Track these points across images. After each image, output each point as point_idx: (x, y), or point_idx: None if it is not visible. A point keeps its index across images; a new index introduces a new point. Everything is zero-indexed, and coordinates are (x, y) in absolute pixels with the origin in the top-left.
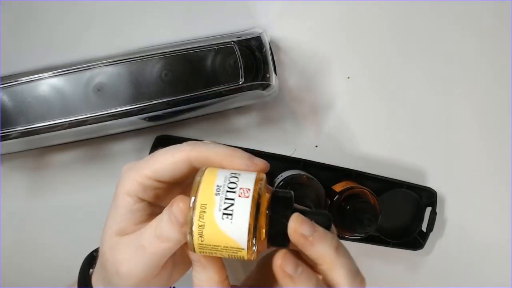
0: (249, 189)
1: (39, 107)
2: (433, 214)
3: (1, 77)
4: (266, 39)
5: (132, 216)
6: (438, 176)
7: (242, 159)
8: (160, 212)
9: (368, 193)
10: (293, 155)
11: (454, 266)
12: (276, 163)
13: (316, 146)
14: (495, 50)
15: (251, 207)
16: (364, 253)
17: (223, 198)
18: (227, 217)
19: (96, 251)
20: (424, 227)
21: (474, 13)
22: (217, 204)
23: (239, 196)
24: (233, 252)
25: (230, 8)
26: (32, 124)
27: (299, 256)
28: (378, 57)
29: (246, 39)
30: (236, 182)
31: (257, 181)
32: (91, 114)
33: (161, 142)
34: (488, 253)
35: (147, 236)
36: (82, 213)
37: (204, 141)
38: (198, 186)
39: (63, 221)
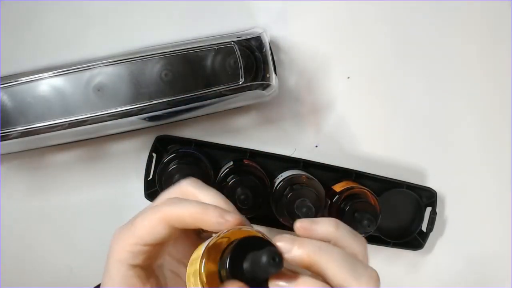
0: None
1: (39, 107)
2: (433, 214)
3: (1, 77)
4: (266, 39)
5: (126, 283)
6: (438, 176)
7: (213, 217)
8: (153, 274)
9: (368, 193)
10: (293, 155)
11: (454, 266)
12: (276, 163)
13: (316, 146)
14: (495, 50)
15: None
16: None
17: None
18: None
19: None
20: (424, 227)
21: (474, 13)
22: None
23: None
24: None
25: (230, 8)
26: (32, 124)
27: None
28: (378, 57)
29: (246, 39)
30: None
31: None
32: (91, 114)
33: (161, 142)
34: (488, 253)
35: None
36: (82, 213)
37: (177, 198)
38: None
39: (63, 221)
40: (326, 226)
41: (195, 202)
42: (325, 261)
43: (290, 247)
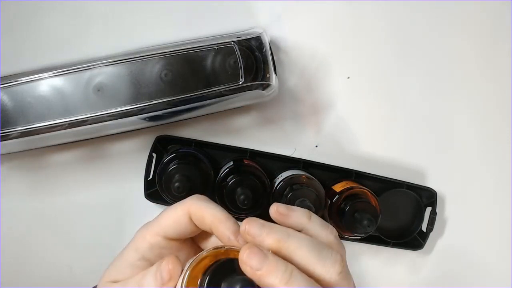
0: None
1: (39, 107)
2: (433, 214)
3: (1, 77)
4: (266, 39)
5: (131, 270)
6: (438, 176)
7: (227, 231)
8: None
9: (368, 193)
10: (293, 155)
11: (454, 266)
12: (276, 163)
13: (316, 146)
14: (495, 50)
15: None
16: (364, 253)
17: None
18: None
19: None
20: (424, 227)
21: (474, 13)
22: None
23: None
24: None
25: (230, 8)
26: (32, 124)
27: None
28: (378, 57)
29: (246, 39)
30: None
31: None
32: (91, 114)
33: (161, 142)
34: (488, 253)
35: (131, 284)
36: (82, 213)
37: (208, 199)
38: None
39: (63, 221)
40: (300, 215)
41: (220, 208)
42: (293, 247)
43: (259, 232)
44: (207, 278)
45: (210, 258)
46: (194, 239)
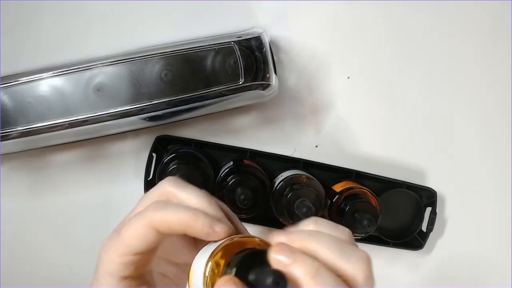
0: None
1: (39, 107)
2: (433, 214)
3: (1, 77)
4: (266, 39)
5: None
6: (438, 176)
7: (202, 226)
8: (145, 281)
9: (368, 193)
10: (293, 155)
11: (454, 266)
12: (276, 163)
13: (316, 146)
14: (495, 50)
15: None
16: None
17: None
18: None
19: None
20: (424, 227)
21: (474, 13)
22: None
23: None
24: None
25: (230, 8)
26: (32, 124)
27: None
28: (378, 57)
29: (246, 39)
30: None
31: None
32: (91, 114)
33: (161, 142)
34: (488, 253)
35: None
36: (82, 213)
37: (163, 203)
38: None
39: (63, 221)
40: (305, 225)
41: (183, 208)
42: (315, 245)
43: (283, 238)
44: (235, 268)
45: (230, 247)
46: None
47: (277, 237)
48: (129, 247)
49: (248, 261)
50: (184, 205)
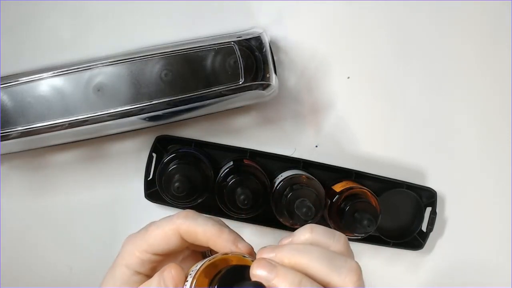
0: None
1: (39, 107)
2: (433, 214)
3: (1, 77)
4: (266, 39)
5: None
6: (438, 176)
7: (227, 242)
8: None
9: (368, 193)
10: (293, 155)
11: (454, 266)
12: (276, 163)
13: (316, 146)
14: (495, 50)
15: None
16: (364, 253)
17: None
18: None
19: None
20: (424, 227)
21: (474, 13)
22: None
23: None
24: None
25: (230, 8)
26: (32, 124)
27: None
28: (378, 57)
29: (246, 39)
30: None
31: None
32: (91, 114)
33: (161, 142)
34: (488, 253)
35: None
36: (82, 213)
37: (196, 214)
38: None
39: (63, 221)
40: (301, 233)
41: (212, 222)
42: (305, 260)
43: (272, 255)
44: (217, 284)
45: (215, 264)
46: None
47: (266, 253)
48: (151, 246)
49: (230, 278)
50: (213, 220)
